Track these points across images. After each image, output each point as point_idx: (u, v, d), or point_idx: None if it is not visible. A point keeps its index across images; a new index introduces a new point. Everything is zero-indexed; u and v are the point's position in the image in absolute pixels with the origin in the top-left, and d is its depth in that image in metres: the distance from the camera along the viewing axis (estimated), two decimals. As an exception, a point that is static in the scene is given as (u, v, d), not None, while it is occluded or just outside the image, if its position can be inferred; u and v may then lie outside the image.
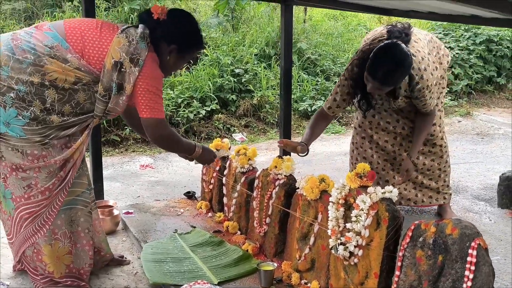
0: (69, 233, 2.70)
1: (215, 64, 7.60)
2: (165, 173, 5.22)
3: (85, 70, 2.54)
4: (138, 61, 2.58)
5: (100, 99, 2.60)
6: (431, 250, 2.03)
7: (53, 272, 2.69)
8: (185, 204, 4.02)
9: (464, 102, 8.92)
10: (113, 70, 2.56)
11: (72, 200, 2.70)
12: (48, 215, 2.63)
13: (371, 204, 2.25)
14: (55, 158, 2.56)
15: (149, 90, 2.60)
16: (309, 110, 7.55)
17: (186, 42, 2.79)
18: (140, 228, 3.51)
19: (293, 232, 2.91)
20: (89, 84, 2.57)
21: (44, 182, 2.56)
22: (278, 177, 3.08)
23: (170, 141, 2.87)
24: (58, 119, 2.54)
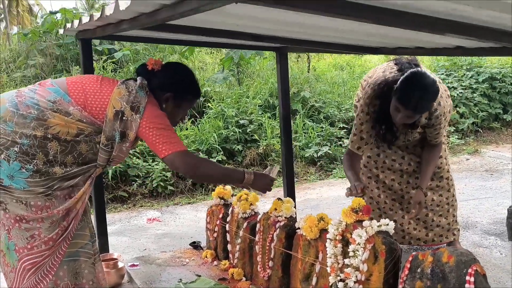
0: (72, 285, 2.65)
1: (219, 117, 7.70)
2: (172, 225, 5.21)
3: (87, 121, 2.59)
4: (139, 108, 2.62)
5: (103, 148, 2.63)
6: (430, 280, 2.00)
7: None
8: (191, 254, 4.00)
9: (471, 140, 8.91)
10: (114, 119, 2.60)
11: (75, 252, 2.67)
12: (50, 265, 2.60)
13: (368, 237, 2.24)
14: (58, 208, 2.56)
15: (158, 128, 2.61)
16: (315, 156, 7.57)
17: (181, 89, 2.83)
18: (145, 279, 3.48)
19: (296, 274, 2.88)
20: (91, 135, 2.61)
21: (47, 232, 2.55)
22: (278, 219, 3.07)
23: (206, 167, 2.72)
24: (61, 170, 2.56)
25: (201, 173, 2.69)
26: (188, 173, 2.69)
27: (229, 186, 3.93)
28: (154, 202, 6.23)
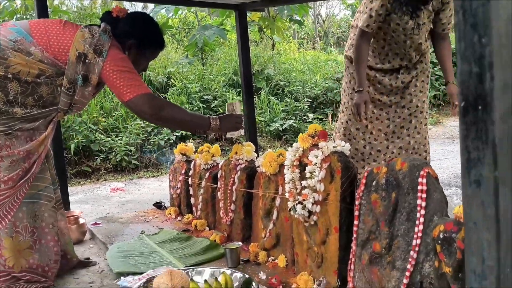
0: (31, 227, 2.61)
1: (183, 93, 7.66)
2: (136, 194, 5.17)
3: (48, 62, 2.56)
4: (102, 52, 2.59)
5: (65, 92, 2.60)
6: (385, 190, 2.02)
7: (13, 266, 2.58)
8: (154, 213, 3.98)
9: (434, 113, 9.05)
10: (77, 62, 2.57)
11: (35, 194, 2.64)
12: (10, 206, 2.56)
13: (323, 157, 2.25)
14: (18, 148, 2.54)
15: (121, 71, 2.58)
16: (280, 129, 7.59)
17: (145, 37, 2.81)
18: (107, 234, 3.45)
19: (258, 212, 2.88)
20: (52, 77, 2.58)
21: (7, 172, 2.52)
22: (239, 162, 3.07)
23: (172, 110, 2.68)
24: (21, 111, 2.53)
25: (166, 115, 2.64)
26: (153, 116, 2.61)
27: (191, 144, 3.92)
28: (119, 176, 6.16)
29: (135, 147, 6.54)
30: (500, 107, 0.74)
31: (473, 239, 0.81)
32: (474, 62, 0.75)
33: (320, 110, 8.97)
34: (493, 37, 0.73)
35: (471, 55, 0.75)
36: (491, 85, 0.73)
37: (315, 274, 2.36)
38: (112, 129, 6.86)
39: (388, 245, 1.98)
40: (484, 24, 0.72)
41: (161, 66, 8.96)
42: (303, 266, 2.46)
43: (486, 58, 0.73)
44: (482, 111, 0.75)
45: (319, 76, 10.11)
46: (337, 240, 2.23)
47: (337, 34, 20.35)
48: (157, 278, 2.24)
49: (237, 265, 2.68)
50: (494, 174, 0.76)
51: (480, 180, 0.78)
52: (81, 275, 2.90)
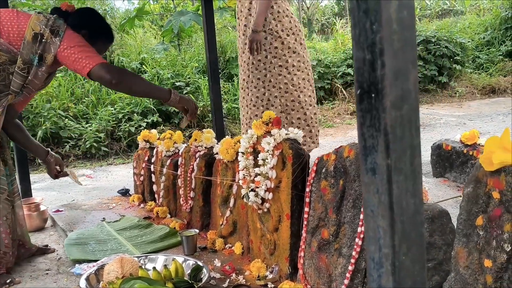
0: None
1: (155, 79, 7.59)
2: (103, 181, 5.13)
3: (3, 48, 2.54)
4: (59, 32, 2.61)
5: (18, 72, 2.58)
6: (333, 177, 2.02)
7: None
8: (118, 200, 3.96)
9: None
10: (33, 41, 2.57)
11: None
12: None
13: (275, 144, 2.24)
14: None
15: (79, 45, 2.60)
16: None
17: (96, 28, 2.85)
18: (69, 221, 3.42)
19: (216, 200, 2.88)
20: (5, 65, 2.56)
21: None
22: (198, 149, 3.06)
23: (131, 76, 2.80)
24: None
25: (127, 80, 2.69)
26: (114, 80, 2.58)
27: (155, 130, 3.90)
28: (88, 163, 6.11)
29: (105, 133, 6.48)
30: (392, 94, 0.74)
31: (370, 227, 0.81)
32: (367, 49, 0.75)
33: (294, 97, 8.95)
34: (384, 23, 0.72)
35: (364, 42, 0.75)
36: (382, 72, 0.73)
37: (269, 261, 2.37)
38: (82, 115, 6.78)
39: (335, 232, 1.98)
40: (375, 10, 0.72)
41: (135, 52, 8.87)
42: (257, 253, 2.47)
43: (377, 45, 0.73)
44: (375, 98, 0.75)
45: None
46: (289, 227, 2.24)
47: (322, 21, 20.33)
48: (108, 266, 2.23)
49: (194, 253, 2.68)
50: (386, 162, 0.75)
51: (375, 168, 0.78)
52: (38, 263, 2.87)
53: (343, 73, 9.45)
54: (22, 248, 2.89)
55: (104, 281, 2.20)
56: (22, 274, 2.71)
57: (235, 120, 7.62)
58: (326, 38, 15.50)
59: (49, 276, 2.67)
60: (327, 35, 17.48)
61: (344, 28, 15.39)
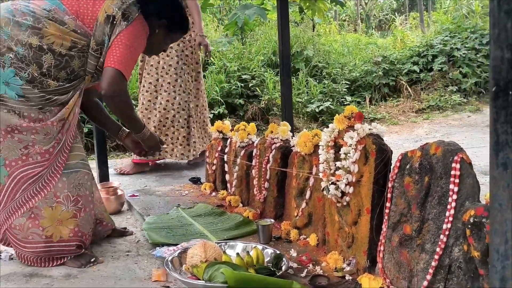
0: (74, 196, 2.67)
1: (222, 71, 7.72)
2: (173, 169, 5.27)
3: (81, 32, 2.62)
4: (129, 18, 2.66)
5: (92, 54, 2.66)
6: (418, 174, 2.04)
7: (52, 235, 2.64)
8: (190, 188, 4.07)
9: (474, 100, 8.90)
10: (105, 23, 2.63)
11: (77, 163, 2.71)
12: (48, 177, 2.62)
13: (358, 139, 2.27)
14: (51, 119, 2.59)
15: (127, 45, 2.62)
16: (317, 111, 7.60)
17: (176, 20, 2.92)
18: (144, 206, 3.55)
19: (291, 191, 2.93)
20: (84, 50, 2.64)
21: (43, 144, 2.58)
22: (274, 141, 3.11)
23: (121, 101, 2.68)
24: (55, 84, 2.60)
25: (115, 103, 2.67)
26: (106, 94, 2.60)
27: (228, 121, 3.98)
28: (156, 151, 6.28)
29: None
30: (530, 92, 0.77)
31: (497, 220, 0.84)
32: (506, 48, 0.77)
33: (358, 93, 8.93)
34: (526, 24, 0.75)
35: (504, 41, 0.77)
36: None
37: (345, 254, 2.40)
38: (151, 105, 6.96)
39: (418, 228, 2.00)
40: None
41: (201, 44, 9.01)
42: (333, 246, 2.50)
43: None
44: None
45: (359, 59, 10.04)
46: (369, 221, 2.27)
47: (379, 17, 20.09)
48: (191, 250, 2.31)
49: (269, 242, 2.74)
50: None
51: (507, 163, 0.80)
52: (118, 244, 3.00)
53: (408, 70, 9.33)
54: (100, 226, 3.02)
55: (187, 264, 2.29)
56: (104, 254, 2.84)
57: (298, 114, 7.66)
58: (383, 35, 15.29)
59: (130, 258, 2.79)
60: (384, 31, 17.23)
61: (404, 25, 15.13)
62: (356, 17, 18.51)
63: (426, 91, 9.01)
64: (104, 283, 2.44)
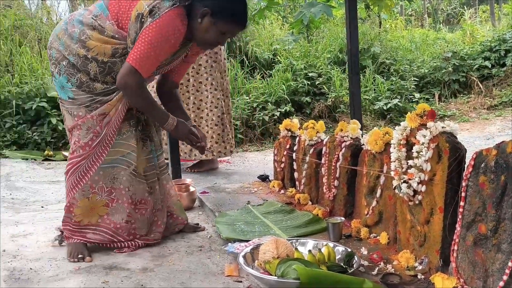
0: (108, 188, 2.84)
1: (288, 69, 7.76)
2: (241, 166, 5.37)
3: (119, 36, 2.74)
4: (155, 14, 2.64)
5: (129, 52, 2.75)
6: (494, 173, 2.00)
7: (80, 222, 2.87)
8: (259, 185, 4.13)
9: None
10: (136, 21, 2.69)
11: (116, 159, 2.85)
12: (86, 168, 2.81)
13: (431, 137, 2.25)
14: (91, 114, 2.78)
15: (147, 41, 2.63)
16: (384, 108, 7.51)
17: (221, 8, 2.72)
18: (215, 203, 3.64)
19: (361, 190, 2.93)
20: (125, 53, 2.75)
21: (84, 138, 2.79)
22: (344, 140, 3.12)
23: (133, 95, 2.74)
24: (101, 86, 2.78)
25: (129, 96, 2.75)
26: (120, 86, 2.72)
27: (296, 119, 4.01)
28: (225, 148, 6.40)
29: (240, 121, 6.74)
30: None
31: None
32: None
33: (427, 90, 8.76)
34: None
35: None
36: None
37: (417, 253, 2.39)
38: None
39: (494, 227, 1.97)
40: None
41: (267, 43, 9.10)
42: (405, 244, 2.49)
43: None
44: None
45: (427, 55, 9.84)
46: (441, 220, 2.24)
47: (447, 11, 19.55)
48: (263, 246, 2.36)
49: (339, 240, 2.75)
50: None
51: None
52: (191, 239, 3.09)
53: (479, 66, 9.06)
54: (170, 218, 3.13)
55: (260, 260, 2.33)
56: (179, 249, 2.93)
57: (365, 112, 7.60)
58: (451, 29, 14.86)
59: (203, 252, 2.87)
60: (452, 25, 16.75)
61: (473, 19, 14.67)
62: (422, 12, 18.09)
63: (498, 87, 8.73)
64: (179, 277, 2.53)
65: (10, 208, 4.01)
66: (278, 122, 6.96)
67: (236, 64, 7.90)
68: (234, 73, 7.69)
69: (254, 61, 8.51)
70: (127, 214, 2.89)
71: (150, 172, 2.98)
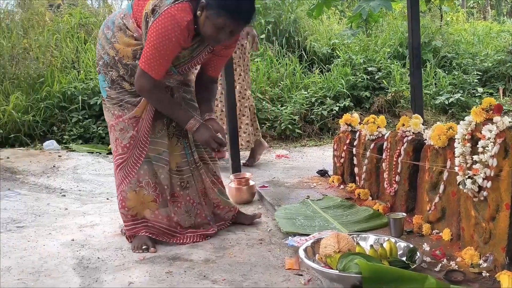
0: (153, 183, 2.94)
1: (347, 64, 7.70)
2: (299, 161, 5.38)
3: (137, 36, 2.85)
4: (156, 13, 2.66)
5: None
6: None
7: (136, 214, 2.97)
8: (318, 180, 4.13)
9: None
10: (144, 21, 2.77)
11: (154, 156, 2.94)
12: (132, 164, 2.93)
13: (498, 132, 2.20)
14: (125, 117, 2.90)
15: (151, 43, 2.64)
16: (446, 103, 7.35)
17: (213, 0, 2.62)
18: (275, 197, 3.66)
19: (423, 185, 2.89)
20: None
21: (124, 140, 2.91)
22: (406, 135, 3.08)
23: (148, 97, 2.81)
24: (129, 86, 2.90)
25: (144, 96, 2.83)
26: (137, 91, 2.81)
27: (356, 114, 3.99)
28: (283, 143, 6.43)
29: (299, 116, 6.75)
30: None
31: None
32: None
33: (490, 84, 8.50)
34: None
35: None
36: None
37: (482, 250, 2.34)
38: (277, 98, 7.14)
39: None
40: None
41: (326, 38, 9.05)
42: (468, 241, 2.44)
43: None
44: None
45: (491, 48, 9.55)
46: (508, 217, 2.19)
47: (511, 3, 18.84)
48: (324, 240, 2.37)
49: (400, 235, 2.73)
50: None
51: None
52: (251, 232, 3.14)
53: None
54: (218, 209, 3.19)
55: (321, 254, 2.34)
56: (239, 242, 2.98)
57: (426, 106, 7.45)
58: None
59: (263, 245, 2.91)
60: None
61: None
62: (485, 4, 17.51)
63: None
64: (240, 269, 2.57)
65: (78, 199, 4.17)
66: (336, 117, 6.93)
67: (294, 59, 7.90)
68: (292, 68, 7.69)
69: (312, 55, 8.49)
70: (171, 210, 2.99)
71: (185, 167, 3.03)
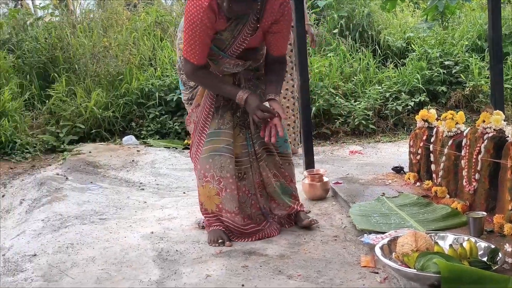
0: (218, 177, 2.98)
1: (423, 58, 7.51)
2: (373, 157, 5.31)
3: None
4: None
5: None
6: None
7: (208, 209, 3.06)
8: (393, 177, 4.07)
9: None
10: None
11: (222, 147, 2.99)
12: (196, 157, 3.07)
13: None
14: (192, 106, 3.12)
15: (187, 32, 2.83)
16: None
17: None
18: (349, 193, 3.64)
19: (505, 184, 2.80)
20: None
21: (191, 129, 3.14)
22: (486, 131, 2.99)
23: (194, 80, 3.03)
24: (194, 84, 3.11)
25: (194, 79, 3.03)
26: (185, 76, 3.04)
27: (433, 110, 3.91)
28: (356, 139, 6.37)
29: (373, 111, 6.65)
30: None
31: None
32: None
33: None
34: None
35: None
36: None
37: None
38: (351, 93, 7.05)
39: None
40: None
41: (400, 31, 8.85)
42: (555, 243, 2.36)
43: None
44: None
45: None
46: None
47: None
48: (401, 238, 2.34)
49: (480, 235, 2.65)
50: None
51: None
52: (326, 229, 3.15)
53: None
54: (273, 203, 3.21)
55: (397, 252, 2.32)
56: (314, 238, 3.00)
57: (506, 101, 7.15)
58: None
59: (338, 242, 2.91)
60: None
61: None
62: None
63: None
64: (315, 265, 2.59)
65: (155, 193, 4.30)
66: (412, 113, 6.78)
67: (368, 53, 7.77)
68: (365, 62, 7.58)
69: (386, 50, 8.33)
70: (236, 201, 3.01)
71: (244, 158, 3.09)
